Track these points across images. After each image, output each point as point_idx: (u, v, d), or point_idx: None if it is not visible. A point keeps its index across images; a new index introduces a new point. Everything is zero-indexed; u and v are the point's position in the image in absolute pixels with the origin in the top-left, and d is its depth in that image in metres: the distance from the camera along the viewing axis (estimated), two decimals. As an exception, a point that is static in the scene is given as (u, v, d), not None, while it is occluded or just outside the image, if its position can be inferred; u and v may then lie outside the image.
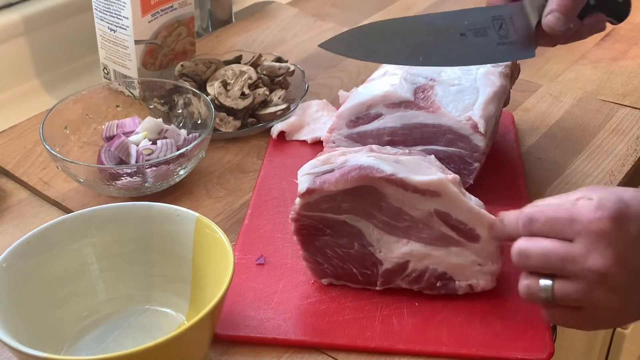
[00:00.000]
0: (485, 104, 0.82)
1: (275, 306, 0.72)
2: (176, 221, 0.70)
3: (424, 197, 0.68)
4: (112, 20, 0.99)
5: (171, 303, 0.71)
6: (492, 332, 0.69)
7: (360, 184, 0.68)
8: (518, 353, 0.67)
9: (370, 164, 0.68)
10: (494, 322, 0.70)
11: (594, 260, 0.59)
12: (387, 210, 0.70)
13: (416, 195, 0.68)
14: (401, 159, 0.71)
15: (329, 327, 0.70)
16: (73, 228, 0.70)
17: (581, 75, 1.12)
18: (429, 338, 0.69)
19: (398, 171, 0.68)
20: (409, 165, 0.70)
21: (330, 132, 0.86)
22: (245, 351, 0.69)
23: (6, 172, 0.92)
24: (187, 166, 0.86)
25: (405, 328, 0.69)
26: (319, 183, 0.69)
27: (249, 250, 0.78)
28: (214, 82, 0.98)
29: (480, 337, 0.68)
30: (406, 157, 0.71)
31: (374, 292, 0.73)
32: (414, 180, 0.68)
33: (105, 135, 0.90)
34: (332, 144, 0.85)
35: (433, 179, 0.68)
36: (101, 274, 0.71)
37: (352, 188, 0.69)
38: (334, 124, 0.85)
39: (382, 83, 0.85)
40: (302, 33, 1.23)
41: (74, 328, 0.69)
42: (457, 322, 0.70)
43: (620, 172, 0.90)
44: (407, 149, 0.76)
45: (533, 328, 0.69)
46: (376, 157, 0.70)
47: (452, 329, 0.69)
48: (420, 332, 0.69)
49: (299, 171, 0.71)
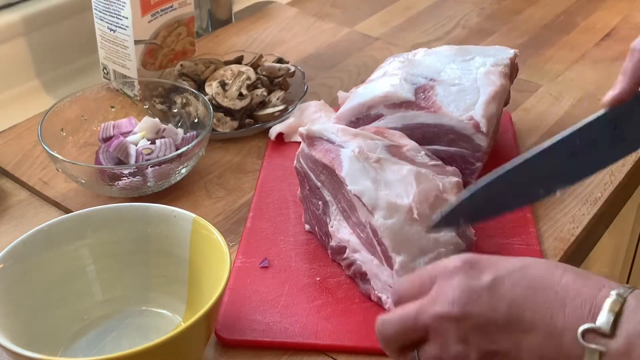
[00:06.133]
0: (486, 104, 0.82)
1: (281, 309, 0.71)
2: (173, 222, 0.70)
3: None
4: (112, 20, 0.99)
5: (168, 304, 0.71)
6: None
7: (330, 168, 0.73)
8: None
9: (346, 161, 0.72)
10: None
11: (439, 305, 0.56)
12: (346, 201, 0.72)
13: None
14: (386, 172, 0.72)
15: (337, 330, 0.69)
16: (70, 229, 0.70)
17: (581, 75, 1.12)
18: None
19: (357, 182, 0.70)
20: (384, 180, 0.71)
21: (330, 133, 0.86)
22: (245, 352, 0.69)
23: (6, 172, 0.92)
24: (188, 165, 0.86)
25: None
26: (315, 143, 0.75)
27: (252, 254, 0.78)
28: (212, 82, 0.98)
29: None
30: (393, 173, 0.72)
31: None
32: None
33: (101, 136, 0.90)
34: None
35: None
36: (98, 275, 0.71)
37: (327, 166, 0.73)
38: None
39: (382, 83, 0.85)
40: (302, 33, 1.23)
41: (71, 329, 0.69)
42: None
43: (621, 172, 0.90)
44: (422, 152, 0.76)
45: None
46: (359, 157, 0.72)
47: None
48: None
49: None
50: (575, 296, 0.54)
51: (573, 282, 0.55)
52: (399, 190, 0.70)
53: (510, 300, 0.55)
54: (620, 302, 0.52)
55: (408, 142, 0.77)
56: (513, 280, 0.55)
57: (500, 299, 0.55)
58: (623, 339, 0.52)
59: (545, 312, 0.54)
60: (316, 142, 0.76)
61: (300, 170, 0.78)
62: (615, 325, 0.52)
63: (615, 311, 0.52)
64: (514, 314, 0.55)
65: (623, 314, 0.52)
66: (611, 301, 0.53)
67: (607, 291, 0.53)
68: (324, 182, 0.75)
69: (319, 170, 0.75)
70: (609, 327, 0.52)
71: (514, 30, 1.26)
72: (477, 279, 0.56)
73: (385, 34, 1.24)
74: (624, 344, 0.52)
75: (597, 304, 0.53)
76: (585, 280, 0.55)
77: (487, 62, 0.87)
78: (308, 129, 0.77)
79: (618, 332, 0.52)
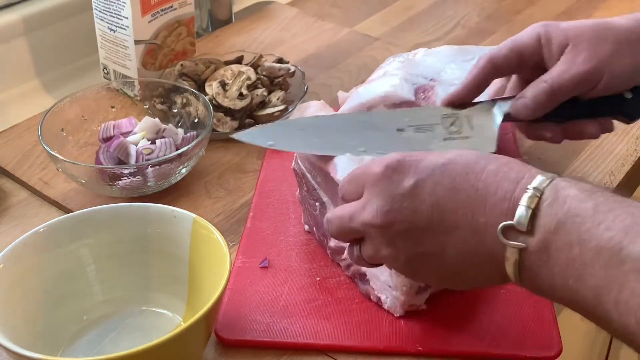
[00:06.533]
0: (486, 104, 0.82)
1: (281, 309, 0.71)
2: (173, 222, 0.70)
3: None
4: (112, 20, 0.99)
5: (168, 304, 0.71)
6: (500, 330, 0.69)
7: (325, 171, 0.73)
8: (527, 351, 0.67)
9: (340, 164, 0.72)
10: (501, 320, 0.70)
11: (366, 213, 0.59)
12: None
13: None
14: None
15: (337, 330, 0.69)
16: (70, 229, 0.70)
17: (582, 75, 1.11)
18: (437, 338, 0.68)
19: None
20: None
21: (330, 133, 0.86)
22: (245, 352, 0.69)
23: (6, 172, 0.92)
24: (188, 164, 0.86)
25: (413, 329, 0.69)
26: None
27: (252, 254, 0.78)
28: (212, 82, 0.98)
29: (488, 335, 0.68)
30: None
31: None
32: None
33: (101, 136, 0.90)
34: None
35: None
36: (98, 275, 0.71)
37: (322, 169, 0.73)
38: (334, 125, 0.85)
39: (382, 83, 0.85)
40: (302, 33, 1.23)
41: (71, 329, 0.69)
42: (464, 321, 0.70)
43: (620, 172, 0.90)
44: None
45: (540, 325, 0.69)
46: (354, 159, 0.71)
47: (460, 328, 0.69)
48: (429, 333, 0.69)
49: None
50: (496, 192, 0.54)
51: (494, 175, 0.55)
52: None
53: (431, 203, 0.56)
54: (537, 196, 0.52)
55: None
56: (435, 180, 0.56)
57: (421, 203, 0.57)
58: (540, 234, 0.52)
59: (466, 210, 0.55)
60: None
61: (298, 172, 0.78)
62: (533, 222, 0.52)
63: (532, 207, 0.52)
64: (435, 216, 0.56)
65: (540, 209, 0.52)
66: (528, 197, 0.52)
67: (525, 183, 0.53)
68: (320, 184, 0.75)
69: (316, 172, 0.75)
70: (526, 224, 0.52)
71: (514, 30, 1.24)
72: (398, 184, 0.57)
73: (385, 34, 1.24)
74: (541, 239, 0.52)
75: (514, 198, 0.53)
76: (507, 172, 0.55)
77: (487, 62, 0.87)
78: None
79: (536, 228, 0.52)
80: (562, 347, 0.67)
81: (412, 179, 0.57)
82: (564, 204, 0.51)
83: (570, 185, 0.53)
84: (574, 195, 0.52)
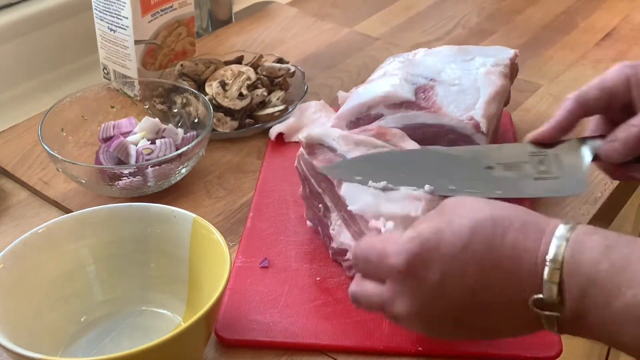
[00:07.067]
0: (486, 104, 0.82)
1: (281, 309, 0.71)
2: (173, 222, 0.70)
3: None
4: (112, 20, 0.99)
5: (168, 304, 0.71)
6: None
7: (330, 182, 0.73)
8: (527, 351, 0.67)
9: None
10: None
11: (398, 309, 0.60)
12: (346, 212, 0.72)
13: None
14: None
15: (337, 330, 0.69)
16: (70, 229, 0.70)
17: (581, 75, 1.11)
18: (437, 338, 0.68)
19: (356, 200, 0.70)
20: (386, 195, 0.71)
21: (330, 133, 0.86)
22: (245, 352, 0.69)
23: (6, 172, 0.92)
24: (188, 165, 0.86)
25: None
26: (315, 151, 0.75)
27: (252, 254, 0.78)
28: (212, 82, 0.98)
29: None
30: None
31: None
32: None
33: (101, 136, 0.90)
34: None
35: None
36: (98, 275, 0.71)
37: (327, 178, 0.74)
38: (335, 125, 0.85)
39: (382, 83, 0.85)
40: (302, 33, 1.23)
41: (71, 329, 0.69)
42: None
43: (620, 173, 0.90)
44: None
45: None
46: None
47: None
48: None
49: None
50: (520, 270, 0.55)
51: (513, 248, 0.56)
52: (405, 204, 0.69)
53: (463, 290, 0.57)
54: (558, 268, 0.54)
55: (410, 145, 0.76)
56: (461, 265, 0.57)
57: (454, 289, 0.58)
58: (569, 302, 0.54)
59: (497, 288, 0.56)
60: (317, 150, 0.76)
61: (300, 172, 0.78)
62: (561, 294, 0.54)
63: (557, 282, 0.54)
64: (468, 298, 0.57)
65: (564, 280, 0.54)
66: (549, 271, 0.54)
67: (543, 254, 0.55)
68: (325, 190, 0.75)
69: (320, 178, 0.75)
70: (555, 297, 0.54)
71: (514, 30, 1.26)
72: (425, 280, 0.58)
73: (385, 34, 1.24)
74: (571, 308, 0.54)
75: (538, 273, 0.55)
76: (524, 242, 0.56)
77: (487, 62, 0.87)
78: (307, 136, 0.76)
79: (565, 299, 0.54)
80: (562, 347, 0.67)
81: (437, 272, 0.57)
82: (583, 269, 0.53)
83: (584, 246, 0.54)
84: (589, 260, 0.53)
